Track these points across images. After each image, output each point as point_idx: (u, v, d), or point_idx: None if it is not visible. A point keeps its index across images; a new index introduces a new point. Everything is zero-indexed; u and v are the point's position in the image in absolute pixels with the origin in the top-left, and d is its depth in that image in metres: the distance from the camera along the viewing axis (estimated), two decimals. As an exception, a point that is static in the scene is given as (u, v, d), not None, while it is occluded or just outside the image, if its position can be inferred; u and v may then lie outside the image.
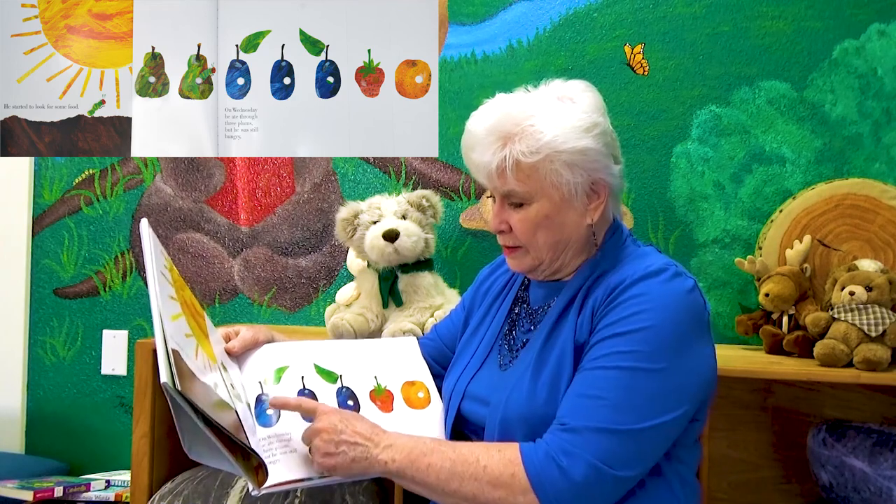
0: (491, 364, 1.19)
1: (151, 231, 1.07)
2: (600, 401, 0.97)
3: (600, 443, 0.95)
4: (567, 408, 1.00)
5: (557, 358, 1.06)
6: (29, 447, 2.03)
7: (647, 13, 1.79)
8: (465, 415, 1.17)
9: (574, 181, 1.06)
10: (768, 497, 1.70)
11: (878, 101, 1.70)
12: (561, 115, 1.06)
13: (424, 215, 1.64)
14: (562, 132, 1.04)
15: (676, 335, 1.00)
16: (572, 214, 1.09)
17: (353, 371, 1.22)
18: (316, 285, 1.94)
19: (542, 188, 1.07)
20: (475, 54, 1.86)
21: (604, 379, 0.99)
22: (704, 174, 1.76)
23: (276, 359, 1.20)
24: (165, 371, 0.90)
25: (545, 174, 1.05)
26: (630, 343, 0.99)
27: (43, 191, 2.03)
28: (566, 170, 1.05)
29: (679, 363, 0.99)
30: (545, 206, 1.08)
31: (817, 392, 1.68)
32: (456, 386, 1.20)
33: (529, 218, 1.08)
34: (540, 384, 1.06)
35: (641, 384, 0.98)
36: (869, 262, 1.55)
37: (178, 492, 1.49)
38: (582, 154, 1.05)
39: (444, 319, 1.41)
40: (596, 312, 1.05)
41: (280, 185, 1.96)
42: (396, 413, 1.18)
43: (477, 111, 1.11)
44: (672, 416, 0.98)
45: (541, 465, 0.96)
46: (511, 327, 1.20)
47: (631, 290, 1.03)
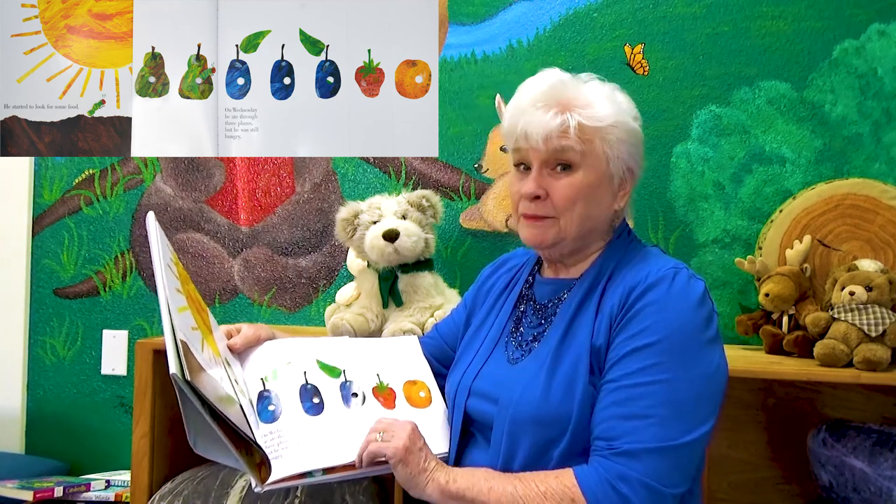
0: (497, 359, 1.17)
1: (158, 224, 1.07)
2: (647, 419, 0.97)
3: (654, 463, 0.95)
4: (614, 430, 0.99)
5: (574, 359, 1.05)
6: (29, 447, 2.03)
7: (647, 13, 1.79)
8: (471, 413, 1.16)
9: (620, 157, 1.10)
10: (768, 497, 1.70)
11: (878, 101, 1.70)
12: (614, 99, 1.11)
13: (424, 215, 1.64)
14: (619, 112, 1.10)
15: (698, 340, 1.01)
16: (607, 194, 1.12)
17: (356, 367, 1.21)
18: (316, 285, 1.94)
19: (595, 155, 1.09)
20: (475, 54, 1.86)
21: (646, 396, 0.98)
22: (704, 174, 1.77)
23: (277, 355, 1.20)
24: (174, 362, 0.89)
25: (601, 142, 1.09)
26: (657, 354, 0.99)
27: (43, 191, 2.03)
28: (618, 144, 1.09)
29: (706, 368, 1.00)
30: (590, 175, 1.09)
31: (817, 392, 1.68)
32: (461, 382, 1.18)
33: (574, 184, 1.09)
34: (555, 384, 1.05)
35: (680, 395, 0.98)
36: (869, 262, 1.55)
37: (178, 492, 1.49)
38: (631, 137, 1.11)
39: (446, 319, 1.40)
40: (614, 320, 1.05)
41: (280, 185, 1.96)
42: (399, 411, 1.18)
43: (533, 77, 1.14)
44: (710, 423, 0.99)
45: (600, 491, 0.96)
46: (517, 324, 1.19)
47: (647, 295, 1.03)
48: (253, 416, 1.07)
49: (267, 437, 1.06)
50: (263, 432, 1.07)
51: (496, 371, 1.15)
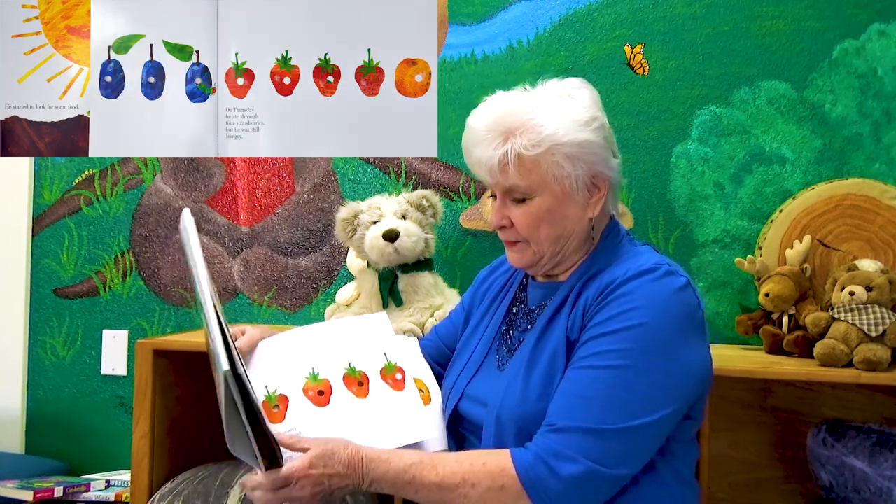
0: (489, 365, 1.19)
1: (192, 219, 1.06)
2: (589, 400, 0.98)
3: (590, 442, 0.96)
4: (556, 408, 1.01)
5: (550, 356, 1.07)
6: (29, 447, 2.03)
7: (647, 13, 1.79)
8: (463, 414, 1.17)
9: (575, 174, 1.07)
10: (768, 497, 1.70)
11: (878, 101, 1.70)
12: (561, 110, 1.07)
13: (424, 215, 1.64)
14: (562, 125, 1.06)
15: (665, 333, 1.01)
16: (574, 208, 1.10)
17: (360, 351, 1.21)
18: (316, 285, 1.94)
19: (545, 181, 1.07)
20: (475, 54, 1.86)
21: (592, 378, 1.00)
22: (704, 174, 1.76)
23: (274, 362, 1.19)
24: (224, 357, 0.83)
25: (547, 167, 1.07)
26: (619, 341, 1.00)
27: (43, 191, 2.03)
28: (567, 162, 1.06)
29: (668, 361, 1.00)
30: (547, 200, 1.09)
31: (817, 392, 1.68)
32: (455, 385, 1.20)
33: (532, 212, 1.09)
34: (532, 383, 1.06)
35: (630, 382, 0.98)
36: (869, 262, 1.55)
37: (178, 492, 1.49)
38: (582, 146, 1.07)
39: (444, 320, 1.41)
40: (588, 310, 1.06)
41: (280, 185, 1.96)
42: (408, 391, 1.18)
43: (477, 108, 1.12)
44: (661, 413, 0.98)
45: (532, 468, 0.97)
46: (508, 327, 1.21)
47: (622, 288, 1.03)
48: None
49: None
50: (284, 428, 1.08)
51: (487, 376, 1.17)
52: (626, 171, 1.77)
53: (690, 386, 1.03)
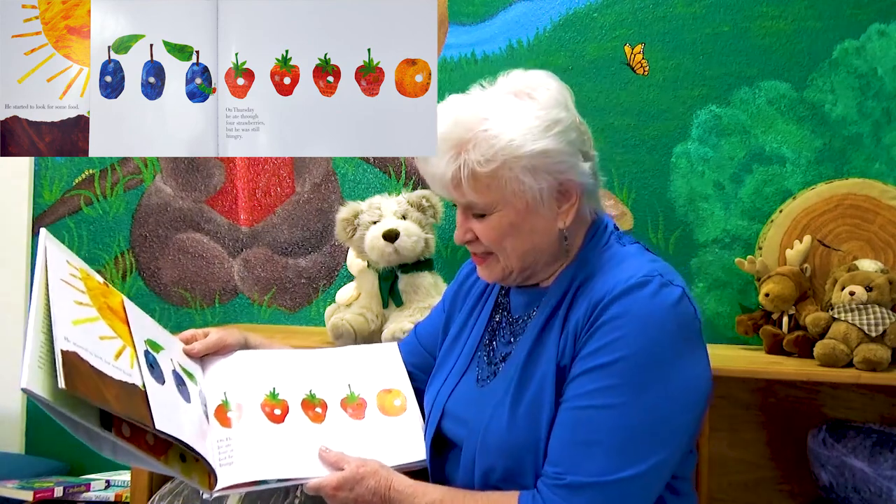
0: (469, 378, 1.13)
1: (52, 239, 1.06)
2: (595, 447, 0.92)
3: (597, 498, 0.91)
4: (559, 456, 0.95)
5: (539, 381, 1.00)
6: (29, 447, 2.03)
7: (647, 13, 1.79)
8: (445, 433, 1.12)
9: (538, 187, 0.97)
10: (768, 497, 1.70)
11: (878, 101, 1.70)
12: (516, 116, 0.97)
13: (424, 215, 1.64)
14: (518, 135, 0.96)
15: (661, 357, 0.94)
16: (541, 221, 1.01)
17: (324, 378, 1.20)
18: (316, 285, 1.94)
19: (503, 197, 0.98)
20: (475, 54, 1.86)
21: (595, 421, 0.93)
22: (704, 174, 1.76)
23: (242, 370, 1.18)
24: (42, 375, 0.90)
25: (505, 182, 0.97)
26: (613, 376, 0.93)
27: (43, 191, 2.03)
28: (527, 175, 0.97)
29: (668, 388, 0.94)
30: (509, 215, 1.00)
31: (817, 392, 1.68)
32: (435, 402, 1.15)
33: (493, 227, 1.01)
34: (521, 412, 0.99)
35: (635, 421, 0.92)
36: (869, 262, 1.55)
37: (178, 492, 1.49)
38: (543, 157, 0.97)
39: (424, 321, 1.35)
40: (579, 335, 0.98)
41: (280, 185, 1.96)
42: (368, 420, 1.16)
43: None
44: (671, 448, 0.94)
45: None
46: (491, 337, 1.14)
47: (612, 308, 0.95)
48: (205, 425, 1.07)
49: (221, 443, 1.06)
50: (219, 437, 1.07)
51: (467, 391, 1.12)
52: (627, 171, 1.79)
53: (695, 406, 0.97)
